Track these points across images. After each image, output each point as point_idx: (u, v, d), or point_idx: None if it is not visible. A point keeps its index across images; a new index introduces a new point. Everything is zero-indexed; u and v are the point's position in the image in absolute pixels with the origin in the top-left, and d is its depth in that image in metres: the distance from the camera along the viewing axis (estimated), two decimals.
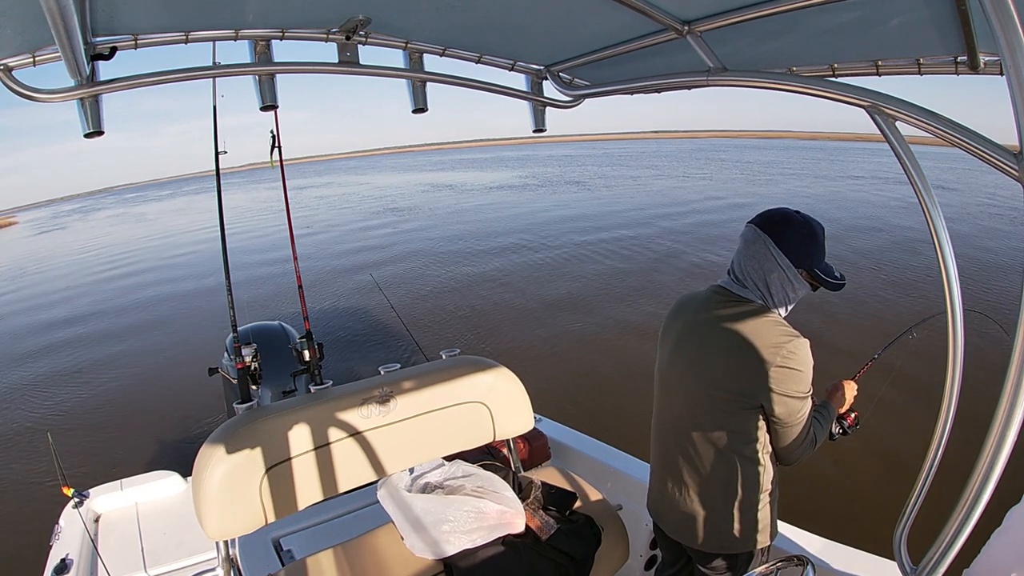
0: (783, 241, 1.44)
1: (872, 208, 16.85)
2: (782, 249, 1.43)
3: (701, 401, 1.50)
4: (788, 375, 1.38)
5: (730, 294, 1.49)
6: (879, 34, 1.21)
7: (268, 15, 1.48)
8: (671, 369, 1.61)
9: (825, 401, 1.62)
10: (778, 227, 1.46)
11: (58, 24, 0.89)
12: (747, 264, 1.48)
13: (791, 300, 1.48)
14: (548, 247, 12.76)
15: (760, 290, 1.46)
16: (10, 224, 48.86)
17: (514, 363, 2.13)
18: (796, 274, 1.44)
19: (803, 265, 1.45)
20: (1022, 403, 0.87)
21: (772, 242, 1.44)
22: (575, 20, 1.54)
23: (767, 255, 1.44)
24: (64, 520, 2.55)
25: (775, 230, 1.45)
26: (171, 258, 16.16)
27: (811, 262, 1.45)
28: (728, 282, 1.52)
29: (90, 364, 7.90)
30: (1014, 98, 0.79)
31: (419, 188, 32.17)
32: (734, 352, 1.43)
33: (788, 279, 1.44)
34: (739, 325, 1.44)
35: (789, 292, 1.46)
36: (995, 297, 7.93)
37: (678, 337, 1.58)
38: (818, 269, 1.46)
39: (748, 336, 1.42)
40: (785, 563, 1.15)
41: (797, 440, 1.44)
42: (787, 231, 1.45)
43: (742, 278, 1.49)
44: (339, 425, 1.81)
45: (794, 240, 1.44)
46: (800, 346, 1.39)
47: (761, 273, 1.45)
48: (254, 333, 3.11)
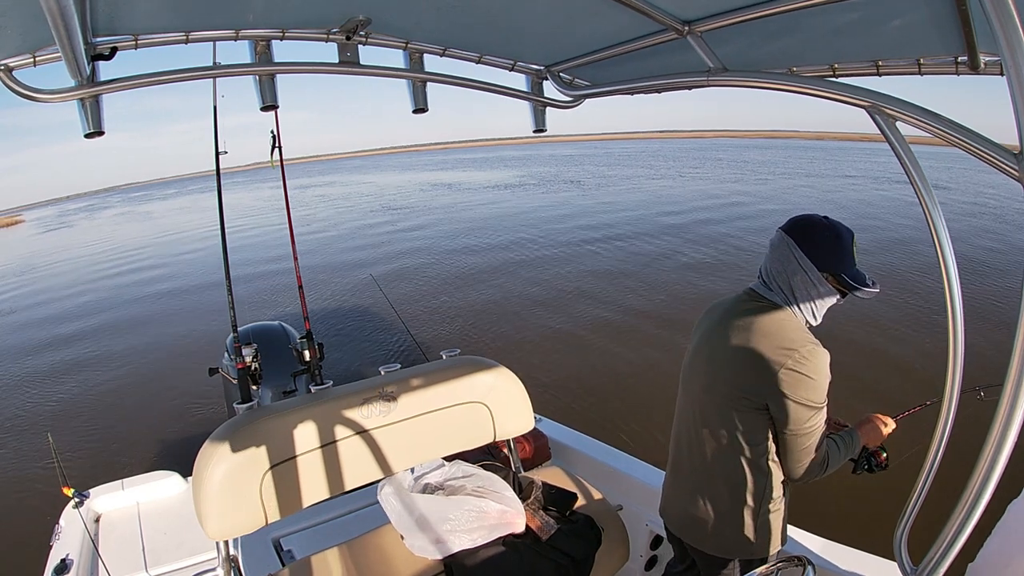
0: (806, 243, 1.43)
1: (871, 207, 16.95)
2: (804, 251, 1.43)
3: (712, 397, 1.51)
4: (797, 380, 1.36)
5: (758, 296, 1.50)
6: (879, 34, 1.21)
7: (268, 15, 1.48)
8: (690, 368, 1.62)
9: (852, 429, 1.59)
10: (802, 230, 1.46)
11: (58, 24, 0.89)
12: (773, 267, 1.48)
13: (818, 305, 1.46)
14: (541, 244, 13.15)
15: (785, 293, 1.46)
16: (16, 223, 49.27)
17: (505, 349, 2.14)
18: (820, 277, 1.43)
19: (827, 269, 1.43)
20: (1022, 403, 0.87)
21: (795, 244, 1.44)
22: (575, 20, 1.54)
23: (790, 257, 1.44)
24: (64, 520, 2.55)
25: (798, 233, 1.45)
26: (176, 256, 16.27)
27: (836, 266, 1.43)
28: (757, 284, 1.53)
29: (90, 364, 7.90)
30: (1014, 98, 0.78)
31: (418, 187, 32.59)
32: (747, 349, 1.43)
33: (811, 282, 1.43)
34: (757, 324, 1.44)
35: (814, 295, 1.44)
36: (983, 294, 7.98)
37: (701, 337, 1.60)
38: (846, 275, 1.43)
39: (763, 335, 1.42)
40: (786, 563, 1.15)
41: (803, 454, 1.42)
42: (810, 234, 1.44)
43: (768, 281, 1.49)
44: (339, 425, 1.81)
45: (817, 243, 1.43)
46: (816, 353, 1.37)
47: (785, 276, 1.45)
48: (254, 333, 3.11)
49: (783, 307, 1.46)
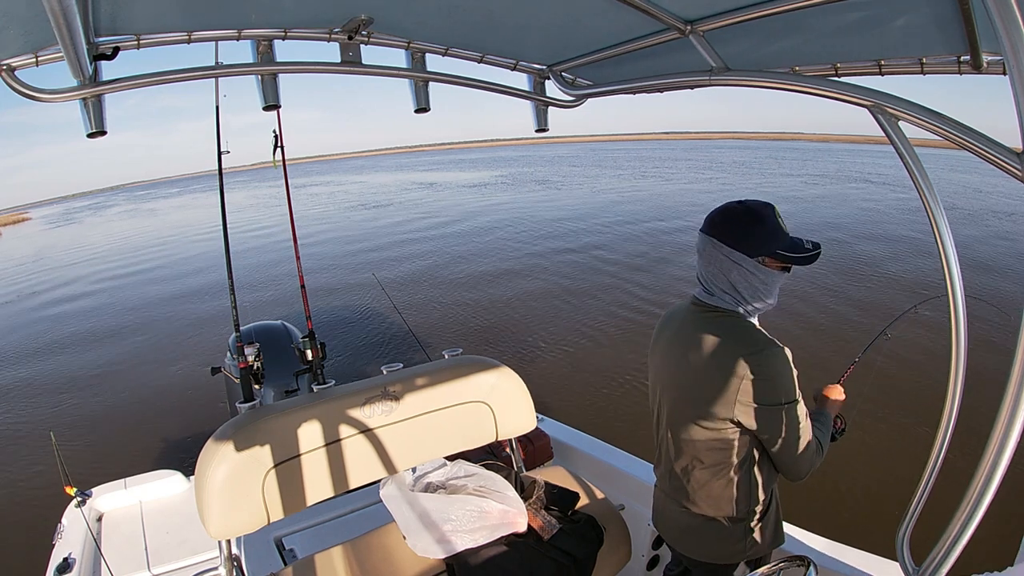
0: (729, 236, 1.37)
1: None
2: (731, 245, 1.37)
3: (681, 418, 1.48)
4: (761, 385, 1.32)
5: (704, 305, 1.45)
6: (882, 34, 1.21)
7: (271, 15, 1.48)
8: (656, 388, 1.59)
9: (819, 409, 1.59)
10: (720, 226, 1.39)
11: (61, 24, 0.90)
12: (707, 272, 1.42)
13: (765, 291, 1.39)
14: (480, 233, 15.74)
15: (728, 294, 1.40)
16: (23, 220, 49.76)
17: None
18: (756, 264, 1.36)
19: (760, 252, 1.36)
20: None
21: (719, 242, 1.38)
22: (577, 20, 1.54)
23: (719, 257, 1.38)
24: (67, 519, 2.56)
25: (718, 230, 1.39)
26: (180, 254, 16.53)
27: (768, 246, 1.36)
28: (700, 292, 1.47)
29: (91, 362, 7.93)
30: (1017, 97, 0.78)
31: (401, 186, 35.41)
32: (704, 370, 1.39)
33: (750, 272, 1.37)
34: (708, 341, 1.39)
35: (757, 284, 1.38)
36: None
37: (662, 354, 1.56)
38: (781, 250, 1.36)
39: (717, 351, 1.37)
40: (787, 563, 1.15)
41: (793, 452, 1.38)
42: (730, 226, 1.38)
43: (708, 285, 1.44)
44: (342, 424, 1.81)
45: (740, 232, 1.37)
46: (771, 354, 1.33)
47: (722, 276, 1.39)
48: (257, 332, 3.11)
49: (730, 311, 1.41)
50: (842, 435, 1.66)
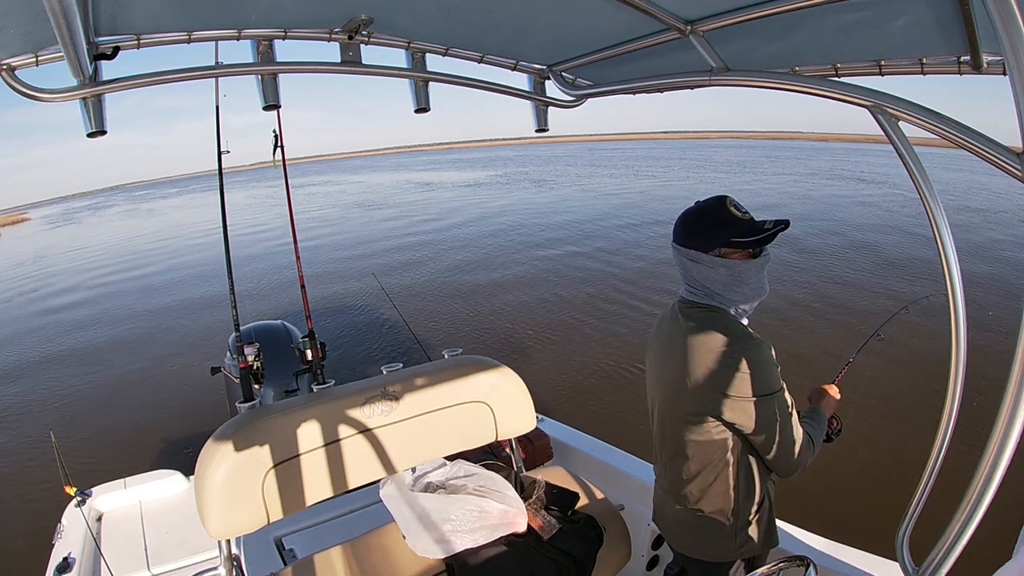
0: (684, 238, 1.45)
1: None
2: (687, 246, 1.43)
3: (675, 418, 1.50)
4: (743, 379, 1.34)
5: (688, 302, 1.50)
6: (882, 34, 1.21)
7: (271, 15, 1.48)
8: (652, 389, 1.62)
9: (813, 408, 1.60)
10: (677, 230, 1.47)
11: (61, 24, 0.90)
12: (682, 275, 1.49)
13: (738, 284, 1.40)
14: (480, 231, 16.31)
15: (703, 291, 1.45)
16: (22, 220, 49.79)
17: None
18: (712, 259, 1.39)
19: (715, 244, 1.39)
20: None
21: (679, 246, 1.46)
22: (577, 20, 1.53)
23: (682, 260, 1.45)
24: (66, 519, 2.56)
25: (677, 235, 1.47)
26: (180, 254, 16.55)
27: (720, 237, 1.39)
28: (684, 291, 1.52)
29: (90, 365, 7.92)
30: (1017, 98, 0.78)
31: (397, 186, 36.03)
32: (692, 369, 1.40)
33: (706, 266, 1.40)
34: (694, 340, 1.41)
35: (725, 278, 1.40)
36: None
37: (653, 353, 1.61)
38: (736, 237, 1.38)
39: (701, 350, 1.39)
40: (787, 563, 1.15)
41: (779, 444, 1.39)
42: (684, 228, 1.45)
43: (689, 287, 1.50)
44: (341, 424, 1.81)
45: (690, 231, 1.44)
46: (752, 347, 1.35)
47: (691, 276, 1.45)
48: (257, 332, 3.11)
49: (713, 309, 1.44)
50: (838, 436, 1.67)
